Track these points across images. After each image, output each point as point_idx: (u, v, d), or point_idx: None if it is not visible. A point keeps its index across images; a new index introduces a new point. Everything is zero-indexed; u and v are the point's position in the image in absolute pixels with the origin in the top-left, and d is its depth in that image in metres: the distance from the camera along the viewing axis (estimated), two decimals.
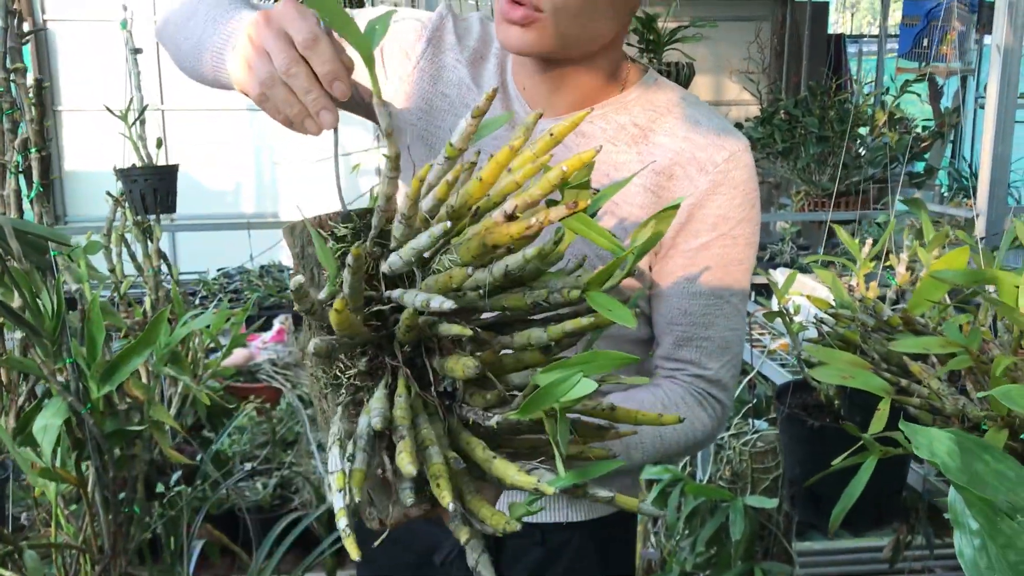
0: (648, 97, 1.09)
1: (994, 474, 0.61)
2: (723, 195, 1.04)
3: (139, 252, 2.11)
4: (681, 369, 1.09)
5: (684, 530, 2.07)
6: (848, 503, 0.98)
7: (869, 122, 4.15)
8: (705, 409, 1.08)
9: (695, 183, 1.04)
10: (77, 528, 1.54)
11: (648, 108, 1.08)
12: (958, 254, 1.06)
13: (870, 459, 0.97)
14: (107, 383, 1.38)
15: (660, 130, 1.07)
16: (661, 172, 1.05)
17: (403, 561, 1.26)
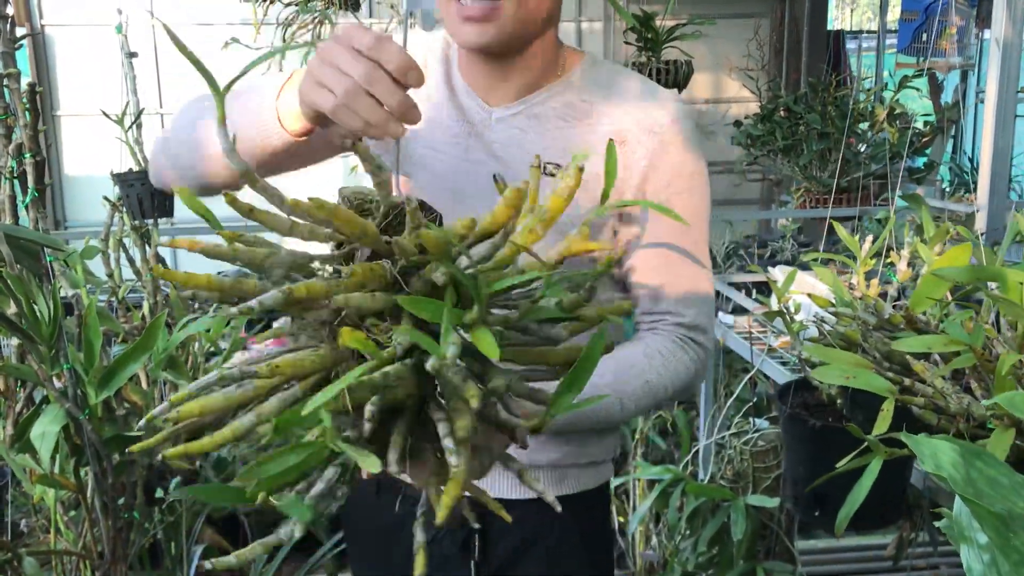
0: (590, 75, 1.18)
1: (987, 481, 0.60)
2: (673, 152, 1.14)
3: (137, 257, 2.11)
4: (660, 320, 1.16)
5: (685, 530, 2.06)
6: (853, 506, 0.97)
7: (869, 118, 4.14)
8: (687, 353, 1.15)
9: (645, 145, 1.13)
10: (76, 534, 1.54)
11: (592, 84, 1.17)
12: (960, 251, 1.05)
13: (875, 461, 0.96)
14: (105, 389, 1.37)
15: (606, 102, 1.15)
16: (614, 139, 1.09)
17: (396, 552, 1.28)
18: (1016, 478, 0.60)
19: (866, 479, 0.99)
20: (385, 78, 0.79)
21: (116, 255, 2.00)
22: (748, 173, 6.35)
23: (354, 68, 0.80)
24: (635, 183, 1.13)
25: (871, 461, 0.99)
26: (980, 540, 0.58)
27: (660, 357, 1.12)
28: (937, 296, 0.99)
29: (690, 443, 2.52)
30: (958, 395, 0.99)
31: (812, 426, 1.34)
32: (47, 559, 1.51)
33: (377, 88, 0.79)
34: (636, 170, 1.13)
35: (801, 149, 4.13)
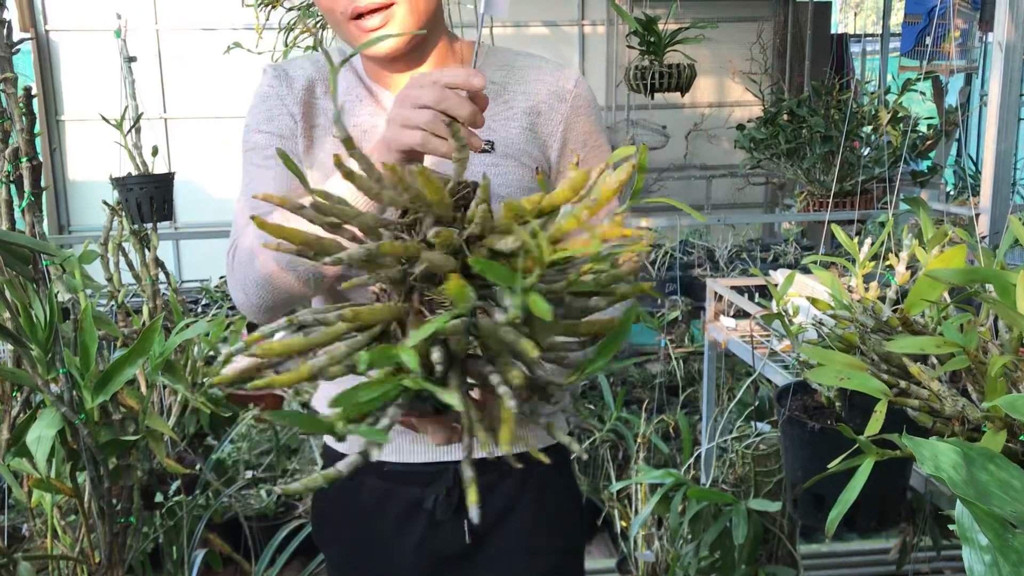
0: (492, 59, 1.28)
1: (998, 484, 0.59)
2: (583, 114, 1.27)
3: (137, 261, 2.11)
4: None
5: (687, 534, 2.05)
6: (844, 507, 0.96)
7: (872, 121, 4.13)
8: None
9: (559, 111, 1.25)
10: (74, 539, 1.53)
11: (497, 67, 1.26)
12: (955, 252, 1.04)
13: (867, 462, 0.96)
14: (101, 393, 1.37)
15: (514, 80, 1.26)
16: (530, 111, 1.24)
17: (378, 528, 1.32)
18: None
19: (858, 479, 0.99)
20: (452, 95, 0.91)
21: (116, 259, 2.00)
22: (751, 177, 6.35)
23: (429, 98, 0.91)
24: (557, 147, 1.25)
25: (863, 462, 0.99)
26: (981, 541, 0.58)
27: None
28: (932, 298, 0.98)
29: (692, 447, 2.51)
30: (954, 398, 0.98)
31: (811, 429, 1.33)
32: (44, 564, 1.51)
33: (449, 105, 0.91)
34: (556, 135, 1.25)
35: (804, 152, 4.12)
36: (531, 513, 1.32)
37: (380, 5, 1.10)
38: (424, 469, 1.28)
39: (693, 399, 3.29)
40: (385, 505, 1.31)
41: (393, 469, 1.29)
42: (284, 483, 0.85)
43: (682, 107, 6.70)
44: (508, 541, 1.32)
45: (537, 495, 1.32)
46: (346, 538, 1.35)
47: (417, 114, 0.93)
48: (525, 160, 1.23)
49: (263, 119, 1.29)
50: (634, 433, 2.89)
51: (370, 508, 1.32)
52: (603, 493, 2.78)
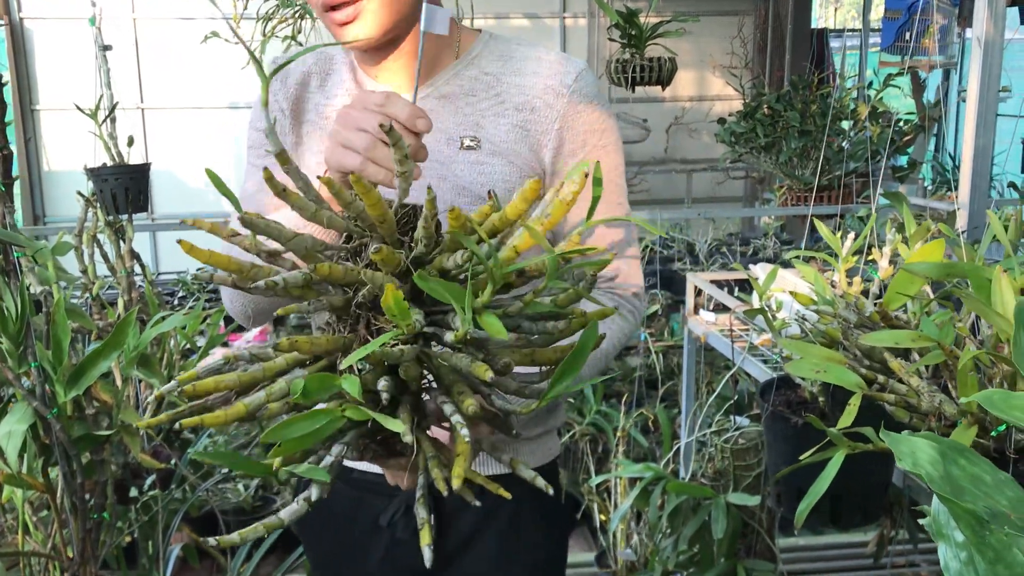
0: (490, 49, 1.21)
1: (970, 478, 0.59)
2: (583, 111, 1.16)
3: (112, 253, 2.08)
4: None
5: (666, 528, 2.05)
6: (814, 499, 0.96)
7: (851, 116, 4.14)
8: (622, 308, 1.20)
9: (555, 108, 1.16)
10: (46, 535, 1.51)
11: (493, 58, 1.20)
12: (933, 247, 1.04)
13: (838, 455, 0.96)
14: (74, 387, 1.35)
15: (509, 72, 1.18)
16: (523, 107, 1.16)
17: (351, 535, 1.29)
18: (999, 475, 0.59)
19: (829, 471, 0.99)
20: (397, 128, 0.87)
21: (90, 251, 1.97)
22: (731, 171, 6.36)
23: (370, 123, 0.88)
24: (552, 146, 1.16)
25: (835, 455, 0.99)
26: (957, 538, 0.57)
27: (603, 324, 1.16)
28: (911, 292, 0.98)
29: (671, 441, 2.51)
30: (931, 393, 0.98)
31: (794, 424, 1.33)
32: (15, 560, 1.48)
33: (391, 135, 0.87)
34: (551, 133, 1.16)
35: (782, 147, 4.13)
36: (501, 538, 1.25)
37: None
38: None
39: (672, 393, 3.29)
40: (356, 513, 1.28)
41: (361, 478, 1.25)
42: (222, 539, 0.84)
43: (663, 101, 6.70)
44: (477, 565, 1.26)
45: (509, 520, 1.25)
46: (322, 542, 1.33)
47: (357, 137, 0.89)
48: (514, 159, 1.16)
49: (257, 115, 1.27)
50: (613, 427, 2.89)
51: (342, 515, 1.28)
52: (582, 487, 2.78)
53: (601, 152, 1.18)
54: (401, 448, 0.81)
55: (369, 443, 0.80)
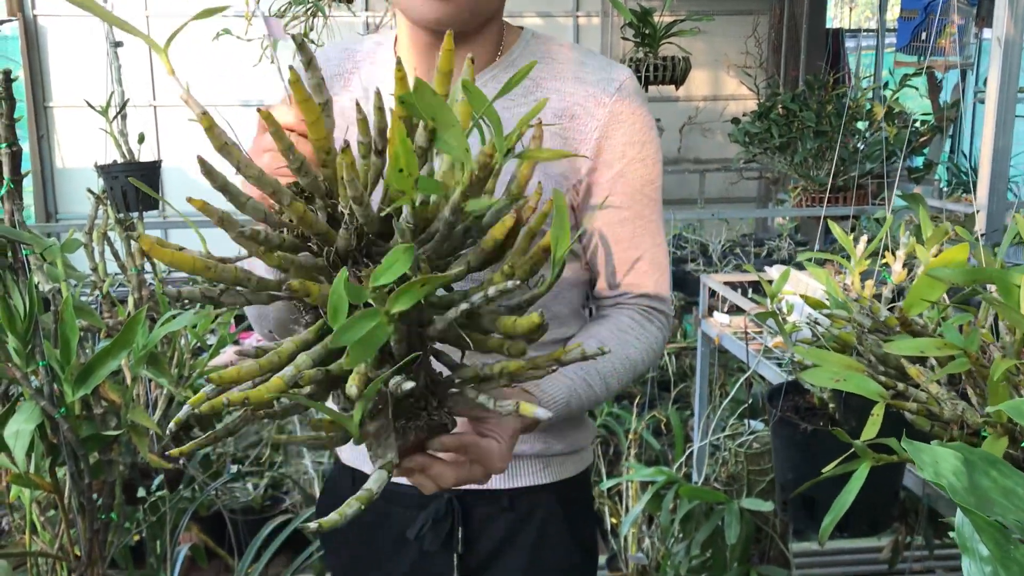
0: (531, 51, 1.16)
1: (1001, 491, 0.57)
2: (624, 122, 1.12)
3: (122, 250, 2.07)
4: (624, 294, 1.18)
5: (678, 533, 2.03)
6: (839, 512, 0.94)
7: (867, 116, 4.11)
8: (654, 323, 1.17)
9: (595, 116, 1.11)
10: (53, 535, 1.50)
11: (533, 59, 1.14)
12: (957, 251, 1.01)
13: (863, 467, 0.93)
14: (82, 386, 1.34)
15: (550, 76, 1.13)
16: (562, 114, 1.11)
17: (376, 546, 1.26)
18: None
19: (853, 484, 0.96)
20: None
21: (100, 248, 1.96)
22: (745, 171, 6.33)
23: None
24: (590, 155, 1.12)
25: (859, 467, 0.96)
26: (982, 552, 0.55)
27: (632, 332, 1.14)
28: (932, 298, 0.96)
29: (684, 444, 2.49)
30: (953, 401, 0.96)
31: (803, 430, 1.31)
32: (22, 560, 1.48)
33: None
34: (589, 143, 1.11)
35: (797, 147, 4.10)
36: (529, 552, 1.21)
37: None
38: (418, 492, 1.16)
39: (685, 395, 3.27)
40: (383, 524, 1.24)
41: (390, 489, 1.18)
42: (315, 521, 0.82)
43: (676, 100, 6.67)
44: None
45: (538, 533, 1.21)
46: (347, 552, 1.30)
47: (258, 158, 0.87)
48: (549, 170, 1.11)
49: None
50: (625, 429, 2.87)
51: (368, 526, 1.25)
52: (594, 490, 2.76)
53: (639, 165, 1.14)
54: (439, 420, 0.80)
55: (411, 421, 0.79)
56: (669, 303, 1.21)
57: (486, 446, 0.86)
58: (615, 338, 1.12)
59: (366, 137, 0.75)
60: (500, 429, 0.88)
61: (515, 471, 1.20)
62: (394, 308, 0.66)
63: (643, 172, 1.14)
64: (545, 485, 1.21)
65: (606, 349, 0.82)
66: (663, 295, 1.19)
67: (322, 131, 0.73)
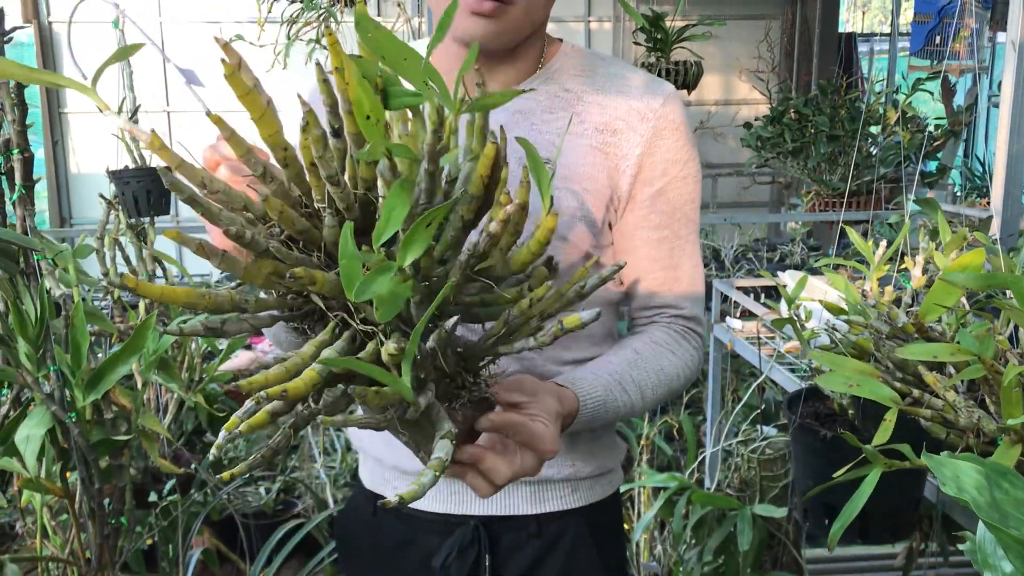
0: (571, 63, 1.14)
1: (1013, 503, 0.56)
2: (667, 138, 1.10)
3: (133, 255, 2.07)
4: (659, 313, 1.16)
5: (691, 539, 2.02)
6: (848, 518, 0.93)
7: (881, 121, 4.09)
8: (690, 342, 1.15)
9: (638, 132, 1.09)
10: (64, 539, 1.50)
11: (574, 73, 1.13)
12: (973, 256, 1.00)
13: (874, 472, 0.92)
14: (93, 391, 1.34)
15: (591, 90, 1.11)
16: (604, 129, 1.09)
17: (399, 572, 1.22)
18: None
19: (864, 490, 0.95)
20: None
21: (112, 254, 1.97)
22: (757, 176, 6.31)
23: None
24: (631, 172, 1.09)
25: (871, 472, 0.95)
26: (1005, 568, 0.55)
27: (667, 347, 1.12)
28: (949, 304, 0.95)
29: (696, 450, 2.48)
30: (969, 409, 0.95)
31: (822, 437, 1.30)
32: (33, 565, 1.48)
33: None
34: (631, 159, 1.09)
35: (810, 152, 4.08)
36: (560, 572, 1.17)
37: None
38: (442, 519, 1.16)
39: (697, 400, 3.25)
40: (406, 550, 1.21)
41: (411, 514, 1.18)
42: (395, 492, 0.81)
43: (688, 104, 6.65)
44: None
45: (567, 558, 1.17)
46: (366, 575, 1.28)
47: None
48: (588, 185, 1.08)
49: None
50: (637, 434, 2.85)
51: (390, 551, 1.22)
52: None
53: (680, 183, 1.12)
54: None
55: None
56: (703, 324, 1.20)
57: (534, 426, 0.84)
58: (650, 350, 1.11)
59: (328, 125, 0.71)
60: (541, 410, 0.86)
61: (543, 496, 1.17)
62: (407, 258, 0.63)
63: (684, 191, 1.12)
64: (574, 509, 1.18)
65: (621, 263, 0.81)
66: (698, 316, 1.18)
67: (273, 125, 0.69)
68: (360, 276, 0.62)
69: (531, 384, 0.89)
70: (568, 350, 1.13)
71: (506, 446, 0.84)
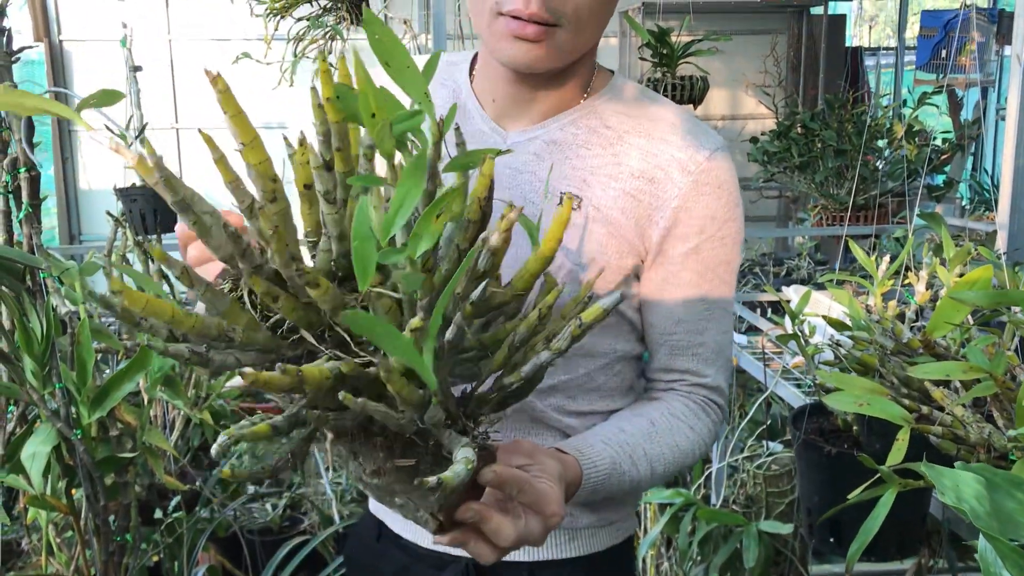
0: (617, 99, 1.07)
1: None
2: (708, 195, 1.02)
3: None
4: (679, 380, 1.08)
5: (697, 556, 2.01)
6: (866, 539, 0.92)
7: (887, 135, 4.09)
8: (709, 415, 1.07)
9: (677, 184, 1.02)
10: (69, 556, 1.50)
11: (618, 111, 1.06)
12: (980, 272, 1.00)
13: (889, 493, 0.92)
14: (98, 408, 1.35)
15: (634, 131, 1.04)
16: (641, 175, 1.02)
17: None
18: None
19: (880, 509, 0.95)
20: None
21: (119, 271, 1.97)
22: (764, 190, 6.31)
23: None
24: (664, 225, 1.02)
25: (885, 492, 0.94)
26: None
27: (685, 420, 1.05)
28: (956, 320, 0.94)
29: (702, 465, 2.46)
30: (979, 424, 0.94)
31: (827, 453, 1.29)
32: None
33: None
34: (666, 211, 1.01)
35: (817, 166, 4.07)
36: None
37: (543, 20, 0.93)
38: (436, 555, 1.10)
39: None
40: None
41: (409, 545, 1.14)
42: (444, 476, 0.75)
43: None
44: None
45: None
46: None
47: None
48: (614, 230, 1.02)
49: None
50: None
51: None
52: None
53: (717, 243, 1.04)
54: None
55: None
56: (726, 395, 1.11)
57: (539, 485, 0.77)
58: (667, 422, 1.03)
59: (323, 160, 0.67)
60: (543, 471, 0.80)
61: (556, 544, 1.10)
62: (418, 249, 0.59)
63: (720, 252, 1.04)
64: (571, 559, 1.10)
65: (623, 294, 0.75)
66: (722, 387, 1.09)
67: (262, 153, 0.64)
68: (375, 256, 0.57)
69: (529, 446, 0.83)
70: (573, 400, 1.07)
71: (509, 506, 0.77)
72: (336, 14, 2.75)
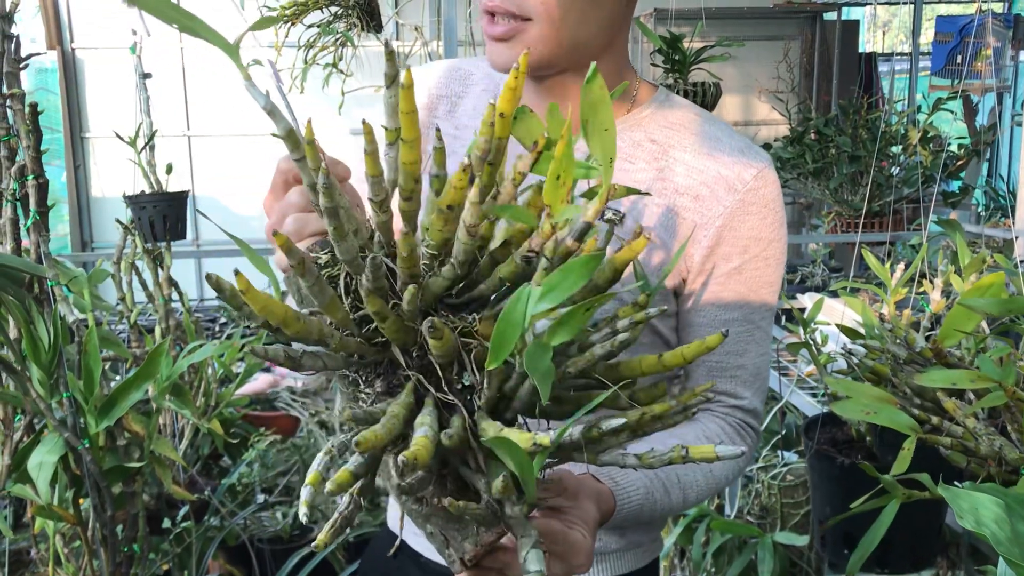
0: (663, 114, 1.04)
1: None
2: (754, 215, 1.00)
3: (150, 280, 2.08)
4: (716, 401, 1.05)
5: (711, 567, 1.98)
6: (868, 549, 0.90)
7: (902, 141, 4.06)
8: (745, 440, 1.05)
9: (722, 202, 0.99)
10: (77, 566, 1.50)
11: (664, 125, 1.04)
12: (992, 280, 0.98)
13: (892, 503, 0.90)
14: (106, 418, 1.34)
15: (679, 147, 1.02)
16: (686, 192, 1.00)
17: None
18: None
19: (883, 519, 0.93)
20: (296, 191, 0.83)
21: (128, 278, 1.97)
22: None
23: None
24: (707, 244, 1.00)
25: (889, 503, 0.93)
26: None
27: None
28: (967, 329, 0.93)
29: None
30: (990, 436, 0.92)
31: (840, 464, 1.27)
32: None
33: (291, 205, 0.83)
34: (710, 229, 0.99)
35: (831, 172, 4.05)
36: None
37: (506, 12, 0.92)
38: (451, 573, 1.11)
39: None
40: None
41: (427, 563, 1.13)
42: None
43: None
44: None
45: None
46: None
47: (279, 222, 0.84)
48: (655, 247, 1.00)
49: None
50: None
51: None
52: None
53: (760, 263, 1.02)
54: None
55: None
56: (761, 418, 1.10)
57: (573, 536, 0.75)
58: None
59: (442, 169, 0.67)
60: (579, 518, 0.78)
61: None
62: (555, 339, 0.58)
63: (763, 272, 1.02)
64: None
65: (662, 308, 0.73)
66: (758, 410, 1.07)
67: (416, 154, 0.64)
68: (514, 343, 0.58)
69: (574, 484, 0.81)
70: None
71: None
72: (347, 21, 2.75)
